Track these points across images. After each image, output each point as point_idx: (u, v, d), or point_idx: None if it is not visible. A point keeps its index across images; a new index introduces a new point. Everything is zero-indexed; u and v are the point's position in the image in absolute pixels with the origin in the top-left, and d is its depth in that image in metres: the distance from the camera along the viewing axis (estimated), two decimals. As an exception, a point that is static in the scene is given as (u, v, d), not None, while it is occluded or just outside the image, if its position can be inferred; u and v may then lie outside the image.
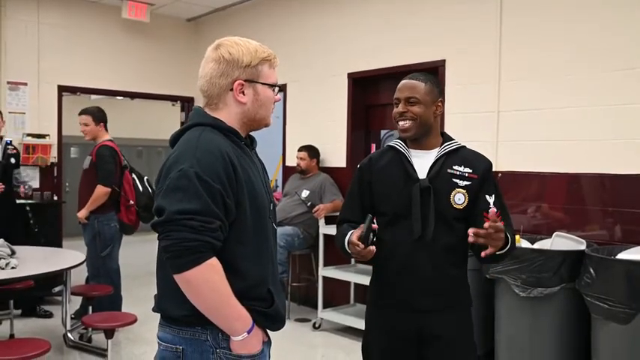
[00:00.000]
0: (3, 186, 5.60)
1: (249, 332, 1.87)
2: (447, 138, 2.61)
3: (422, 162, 2.54)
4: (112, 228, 5.59)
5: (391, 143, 2.65)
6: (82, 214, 5.47)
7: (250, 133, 2.10)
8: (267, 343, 2.03)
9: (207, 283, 1.78)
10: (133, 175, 5.78)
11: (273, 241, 2.07)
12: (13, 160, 5.85)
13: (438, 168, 2.51)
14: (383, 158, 2.64)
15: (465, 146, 2.61)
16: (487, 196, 2.46)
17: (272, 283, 1.99)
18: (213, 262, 1.79)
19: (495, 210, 2.25)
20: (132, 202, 5.67)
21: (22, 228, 5.82)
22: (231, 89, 1.96)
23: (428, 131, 2.55)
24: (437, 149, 2.57)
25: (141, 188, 5.76)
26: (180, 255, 1.75)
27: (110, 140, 5.66)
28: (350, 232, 2.45)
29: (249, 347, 1.89)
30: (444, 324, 2.52)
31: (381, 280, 2.61)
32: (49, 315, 6.05)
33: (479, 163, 2.56)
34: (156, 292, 1.99)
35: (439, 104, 2.57)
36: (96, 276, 5.57)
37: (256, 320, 1.90)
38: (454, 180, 2.50)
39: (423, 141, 2.57)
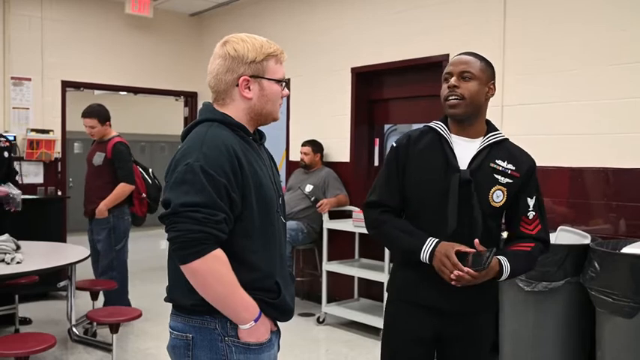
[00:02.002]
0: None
1: (256, 321, 1.91)
2: (491, 127, 2.45)
3: (464, 150, 2.37)
4: (125, 222, 5.67)
5: (431, 124, 2.46)
6: (104, 211, 5.47)
7: (260, 128, 2.13)
8: (276, 332, 2.07)
9: (213, 274, 1.83)
10: (140, 169, 5.86)
11: (282, 235, 2.09)
12: (5, 154, 5.69)
13: (481, 160, 2.34)
14: (422, 140, 2.44)
15: (508, 139, 2.45)
16: (528, 199, 2.39)
17: (280, 276, 2.01)
18: (218, 253, 1.83)
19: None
20: (144, 194, 5.77)
21: (17, 223, 5.68)
22: (237, 85, 1.99)
23: (476, 113, 2.38)
24: (480, 138, 2.39)
25: (150, 181, 5.86)
26: (185, 246, 1.81)
27: (118, 136, 5.68)
28: (437, 241, 2.29)
29: (256, 335, 1.93)
30: (468, 327, 2.40)
31: (408, 275, 2.44)
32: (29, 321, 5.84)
33: (523, 160, 2.40)
34: (159, 290, 2.04)
35: (491, 86, 2.40)
36: (109, 269, 5.57)
37: (264, 310, 1.94)
38: (495, 176, 2.34)
39: (468, 125, 2.39)
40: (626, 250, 3.81)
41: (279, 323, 2.09)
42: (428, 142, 2.42)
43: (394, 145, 2.50)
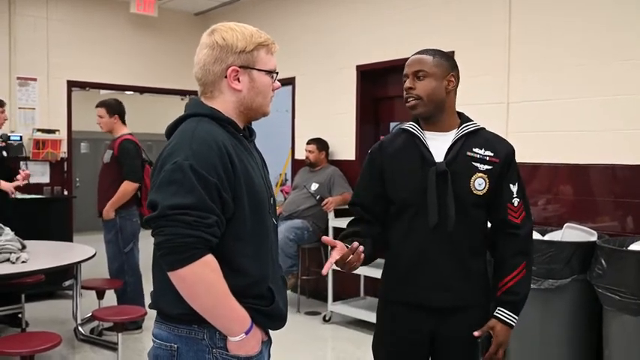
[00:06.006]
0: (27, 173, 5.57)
1: (247, 333, 1.79)
2: (465, 119, 2.44)
3: (439, 144, 2.36)
4: (134, 223, 5.52)
5: (404, 125, 2.47)
6: (109, 212, 5.36)
7: (250, 125, 2.02)
8: (267, 342, 1.96)
9: (202, 282, 1.71)
10: None
11: (274, 237, 1.99)
12: (4, 153, 5.71)
13: (457, 151, 2.33)
14: (395, 142, 2.46)
15: (484, 128, 2.44)
16: (511, 185, 2.37)
17: (272, 281, 1.90)
18: (209, 259, 1.71)
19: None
20: None
21: (23, 223, 5.63)
22: (226, 76, 1.87)
23: (441, 108, 2.37)
24: (454, 130, 2.39)
25: None
26: (174, 252, 1.68)
27: (130, 134, 5.55)
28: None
29: (246, 348, 1.82)
30: (460, 325, 2.36)
31: (394, 274, 2.44)
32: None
33: (500, 146, 2.40)
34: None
35: (451, 79, 2.37)
36: (120, 274, 5.48)
37: (255, 319, 1.83)
38: (474, 164, 2.33)
39: (438, 120, 2.39)
40: (633, 247, 3.79)
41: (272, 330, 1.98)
42: (402, 143, 2.44)
43: (369, 152, 2.55)
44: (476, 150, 2.35)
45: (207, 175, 1.72)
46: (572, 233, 4.19)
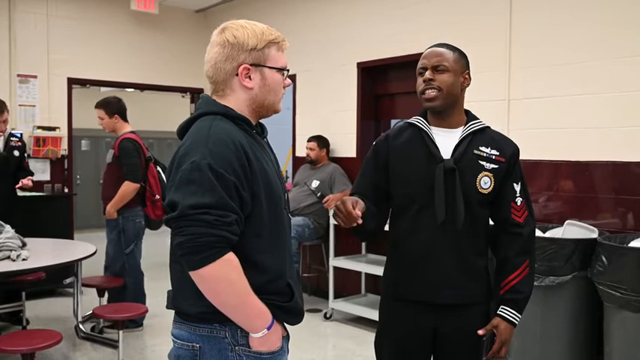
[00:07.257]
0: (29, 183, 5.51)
1: (268, 329, 1.81)
2: (471, 117, 2.44)
3: (445, 141, 2.36)
4: (136, 224, 5.42)
5: (410, 120, 2.45)
6: (112, 212, 5.27)
7: (261, 122, 2.03)
8: (286, 337, 1.97)
9: (224, 280, 1.72)
10: (158, 168, 5.54)
11: (289, 232, 2.00)
12: (16, 153, 5.61)
13: (464, 148, 2.33)
14: (401, 135, 2.44)
15: (489, 127, 2.44)
16: (515, 185, 2.37)
17: (290, 276, 1.92)
18: (230, 257, 1.72)
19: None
20: (158, 196, 5.41)
21: (23, 220, 5.50)
22: (237, 74, 1.88)
23: (454, 104, 2.37)
24: (461, 128, 2.39)
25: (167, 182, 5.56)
26: (196, 251, 1.69)
27: (132, 132, 5.43)
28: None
29: (269, 344, 1.83)
30: (462, 322, 2.37)
31: (397, 271, 2.44)
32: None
33: (506, 146, 2.40)
34: (168, 288, 1.93)
35: (466, 76, 2.40)
36: (121, 273, 5.43)
37: (275, 315, 1.84)
38: (481, 162, 2.33)
39: (447, 116, 2.39)
40: (634, 244, 3.79)
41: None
42: (408, 137, 2.42)
43: (374, 143, 2.54)
44: (482, 148, 2.36)
45: (226, 174, 1.72)
46: (573, 230, 4.19)
